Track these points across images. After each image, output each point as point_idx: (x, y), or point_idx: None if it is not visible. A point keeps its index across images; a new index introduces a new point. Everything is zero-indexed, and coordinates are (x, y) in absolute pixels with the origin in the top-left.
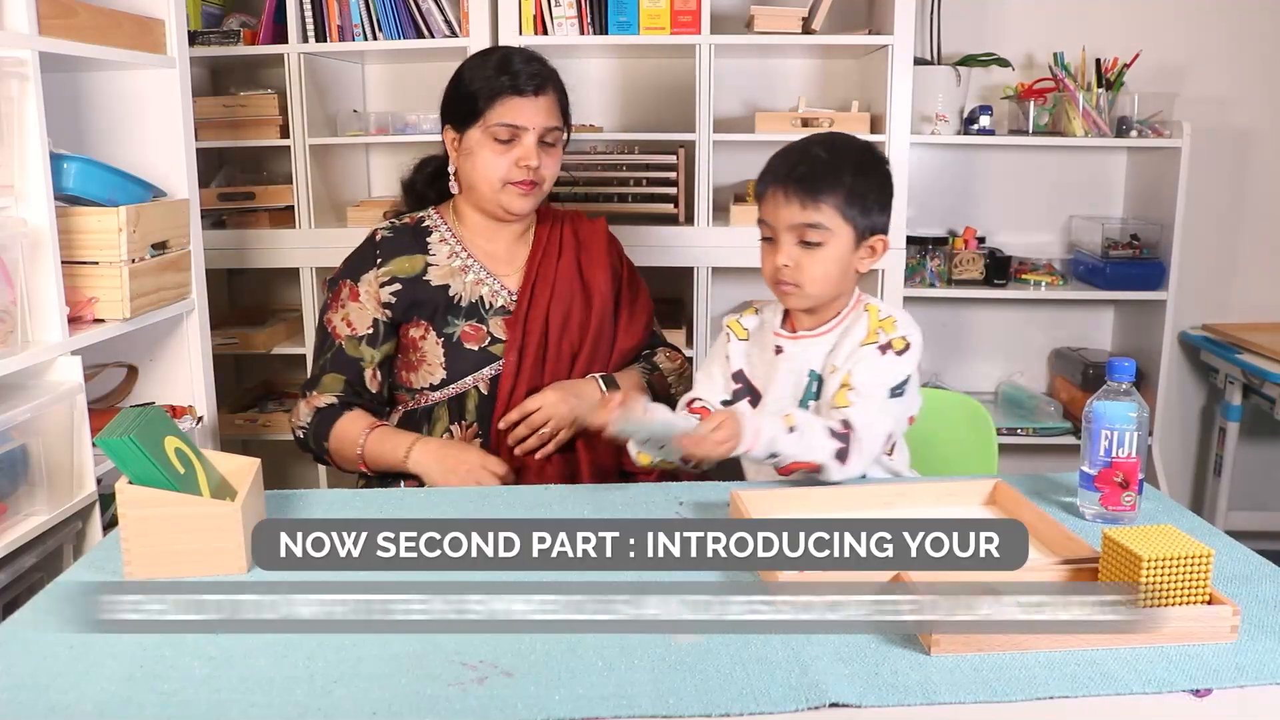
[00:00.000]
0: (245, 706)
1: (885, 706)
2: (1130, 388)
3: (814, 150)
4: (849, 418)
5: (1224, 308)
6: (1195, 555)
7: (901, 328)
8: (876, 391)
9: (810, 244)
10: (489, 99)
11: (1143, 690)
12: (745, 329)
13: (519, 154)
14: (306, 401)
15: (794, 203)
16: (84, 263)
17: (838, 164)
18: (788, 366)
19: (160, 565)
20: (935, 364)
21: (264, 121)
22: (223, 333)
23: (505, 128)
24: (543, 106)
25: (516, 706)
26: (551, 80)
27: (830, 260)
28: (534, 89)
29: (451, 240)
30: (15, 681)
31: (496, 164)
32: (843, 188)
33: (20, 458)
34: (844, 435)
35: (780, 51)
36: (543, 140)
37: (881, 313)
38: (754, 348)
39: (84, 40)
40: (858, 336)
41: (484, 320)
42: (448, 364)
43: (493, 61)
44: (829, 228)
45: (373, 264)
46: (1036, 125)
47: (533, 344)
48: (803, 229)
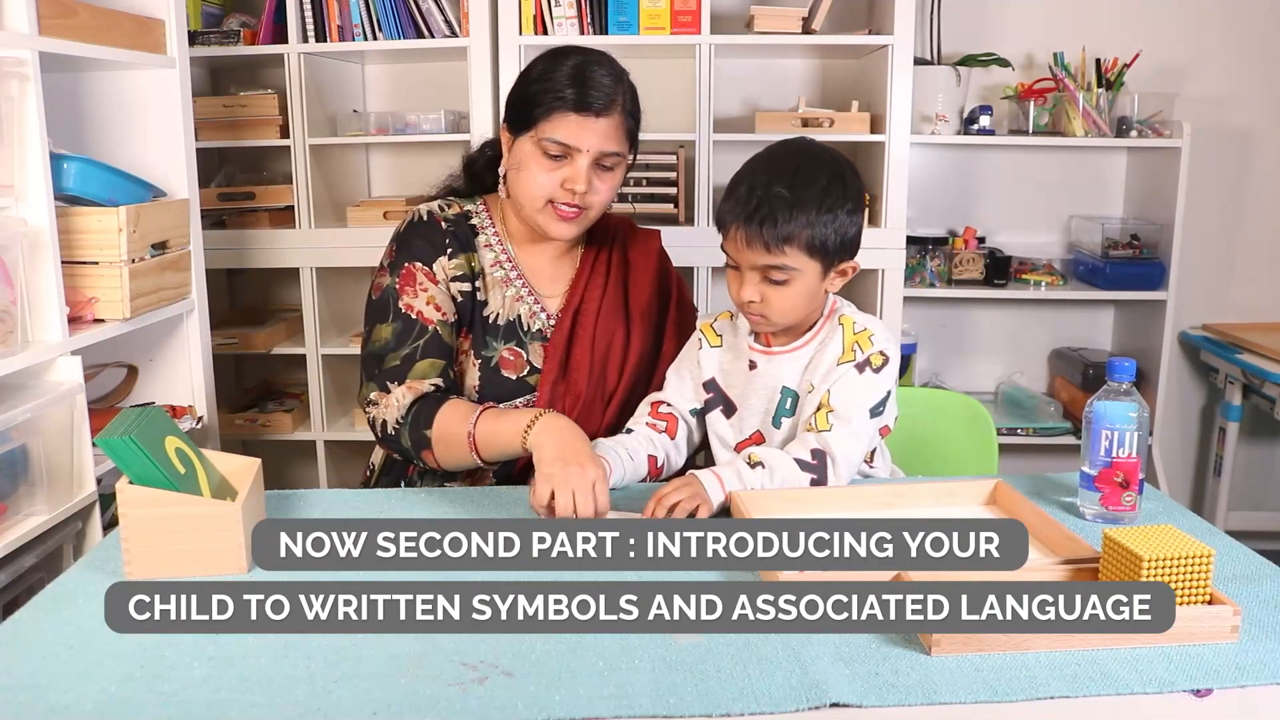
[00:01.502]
0: (245, 706)
1: (885, 706)
2: (1130, 388)
3: (775, 188)
4: (826, 443)
5: (1224, 308)
6: (1195, 555)
7: (878, 341)
8: (856, 413)
9: (776, 281)
10: (546, 110)
11: (1143, 690)
12: (718, 334)
13: (567, 175)
14: (406, 387)
15: (757, 246)
16: (84, 263)
17: (801, 200)
18: (761, 382)
19: (160, 565)
20: (935, 364)
21: (264, 121)
22: (223, 333)
23: (556, 144)
24: (602, 129)
25: (516, 706)
26: (621, 101)
27: (797, 294)
28: (598, 110)
29: (497, 247)
30: (15, 681)
31: (542, 181)
32: (808, 226)
33: (20, 458)
34: (816, 466)
35: (780, 51)
36: (599, 164)
37: (857, 324)
38: (727, 355)
39: (84, 40)
40: (834, 353)
41: (523, 345)
42: (482, 387)
43: (565, 68)
44: (795, 267)
45: (443, 250)
46: (1036, 125)
47: (568, 379)
48: (767, 270)
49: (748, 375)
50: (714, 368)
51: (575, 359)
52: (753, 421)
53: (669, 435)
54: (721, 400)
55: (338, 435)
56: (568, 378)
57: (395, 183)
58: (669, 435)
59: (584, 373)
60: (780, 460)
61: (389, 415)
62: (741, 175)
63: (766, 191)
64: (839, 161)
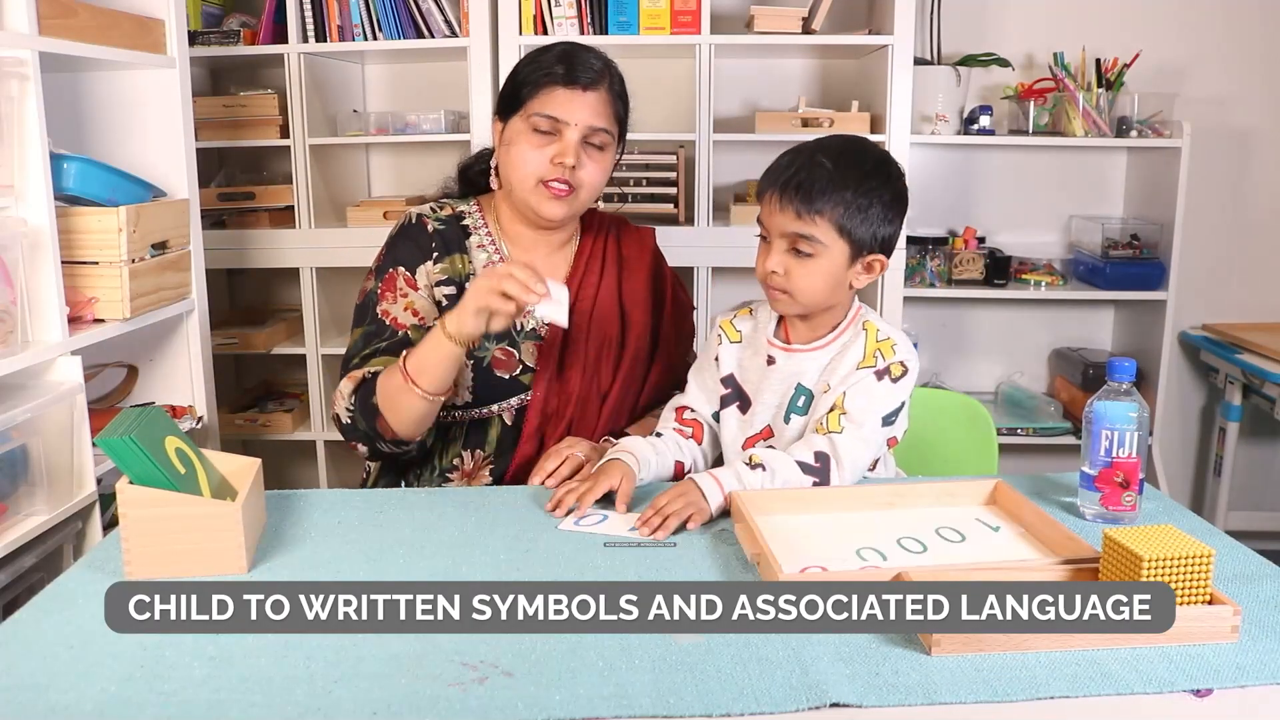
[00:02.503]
0: (245, 706)
1: (885, 706)
2: (1130, 388)
3: (819, 158)
4: (834, 445)
5: (1224, 308)
6: (1196, 555)
7: (900, 352)
8: (869, 419)
9: (802, 253)
10: (534, 86)
11: (1143, 690)
12: (739, 330)
13: (557, 149)
14: (348, 378)
15: (789, 211)
16: (84, 263)
17: (842, 176)
18: (778, 377)
19: (160, 565)
20: (935, 364)
21: (264, 121)
22: (223, 333)
23: (545, 119)
24: (590, 103)
25: (516, 706)
26: (609, 79)
27: (820, 273)
28: (585, 83)
29: (490, 247)
30: (15, 681)
31: (532, 158)
32: (842, 203)
33: (20, 458)
34: (819, 469)
35: (780, 51)
36: (588, 141)
37: (881, 333)
38: (746, 351)
39: (84, 40)
40: (855, 357)
41: (516, 344)
42: (476, 388)
43: (553, 52)
44: (822, 241)
45: (428, 255)
46: (1036, 125)
47: (563, 377)
48: (795, 238)
49: (764, 370)
50: (732, 363)
51: (569, 356)
52: (764, 416)
53: (696, 441)
54: (738, 395)
55: (338, 435)
56: (563, 375)
57: (395, 183)
58: (696, 441)
59: (578, 371)
60: (781, 461)
61: (340, 408)
62: (790, 151)
63: (810, 161)
64: (889, 161)
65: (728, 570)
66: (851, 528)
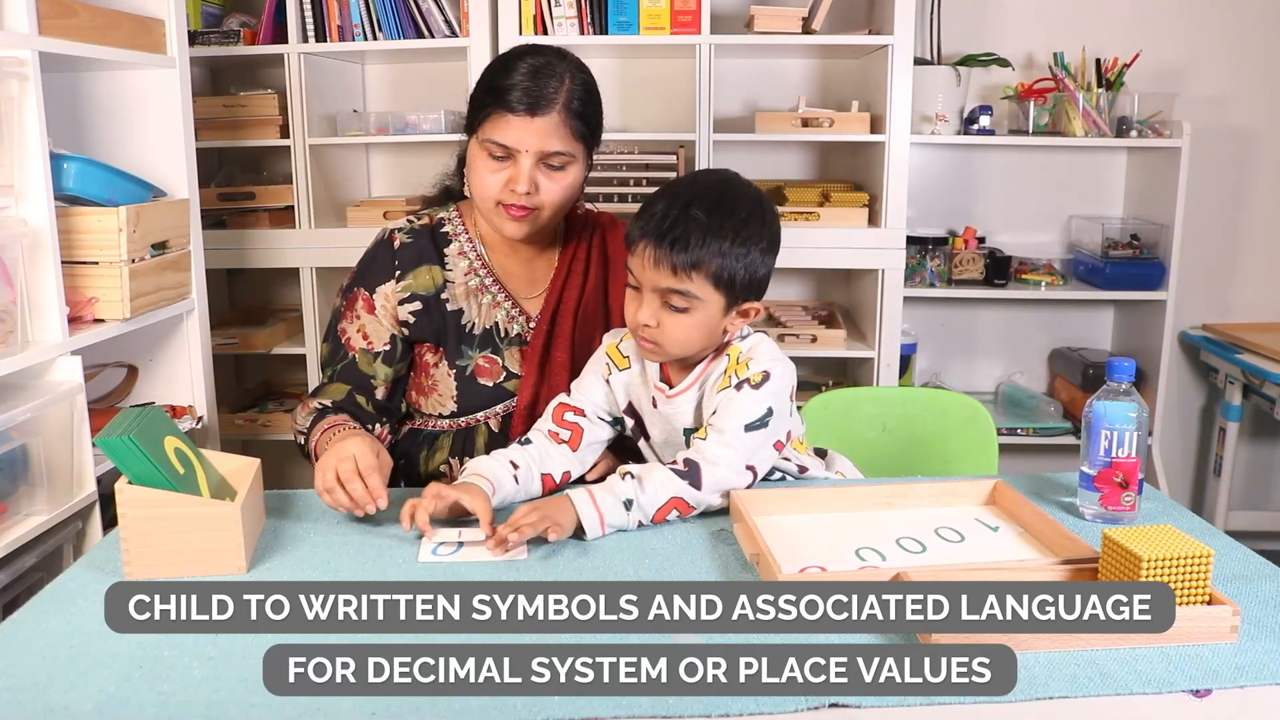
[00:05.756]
0: (245, 706)
1: (885, 707)
2: (1130, 388)
3: (693, 210)
4: (701, 451)
5: (1224, 308)
6: (1195, 555)
7: (759, 363)
8: (730, 425)
9: (675, 308)
10: (486, 111)
11: (1143, 690)
12: (625, 356)
13: (510, 175)
14: (304, 404)
15: (664, 267)
16: (84, 263)
17: (718, 226)
18: (662, 422)
19: (160, 565)
20: (935, 364)
21: (264, 121)
22: (223, 333)
23: (496, 145)
24: (539, 129)
25: (516, 707)
26: (563, 99)
27: (695, 326)
28: (527, 108)
29: (471, 254)
30: (15, 681)
31: (489, 182)
32: (719, 254)
33: (20, 458)
34: (688, 473)
35: (780, 51)
36: (546, 164)
37: (742, 354)
38: (636, 383)
39: (84, 40)
40: (715, 384)
41: (499, 351)
42: (459, 397)
43: (506, 70)
44: (698, 296)
45: (390, 275)
46: (1036, 125)
47: (549, 382)
48: (669, 293)
49: (652, 411)
50: (625, 394)
51: (555, 361)
52: (668, 453)
53: (570, 447)
54: (641, 428)
55: None
56: (548, 381)
57: (395, 183)
58: (570, 447)
59: (564, 375)
60: (653, 469)
61: (295, 425)
62: (659, 195)
63: (683, 213)
64: (761, 200)
65: (727, 570)
66: (851, 528)
